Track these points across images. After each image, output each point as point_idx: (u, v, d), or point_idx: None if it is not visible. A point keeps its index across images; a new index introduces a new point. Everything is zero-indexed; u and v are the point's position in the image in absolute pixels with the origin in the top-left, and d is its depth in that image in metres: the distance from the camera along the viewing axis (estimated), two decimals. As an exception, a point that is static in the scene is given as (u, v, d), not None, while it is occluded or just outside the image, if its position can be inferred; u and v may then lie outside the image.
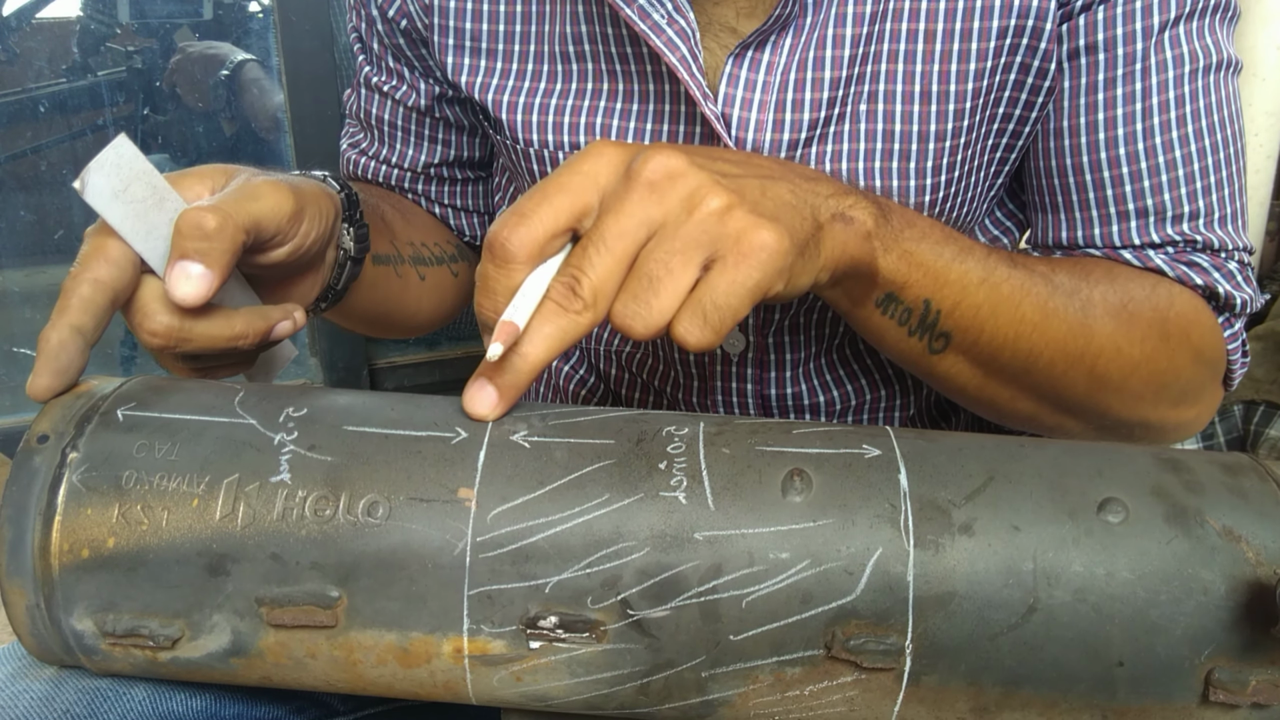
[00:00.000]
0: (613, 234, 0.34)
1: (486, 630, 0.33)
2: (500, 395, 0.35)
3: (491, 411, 0.36)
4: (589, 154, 0.36)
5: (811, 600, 0.32)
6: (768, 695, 0.34)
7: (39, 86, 1.46)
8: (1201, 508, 0.33)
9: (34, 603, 0.35)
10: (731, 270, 0.35)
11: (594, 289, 0.34)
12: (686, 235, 0.35)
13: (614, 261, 0.34)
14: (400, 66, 0.57)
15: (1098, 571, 0.32)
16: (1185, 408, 0.51)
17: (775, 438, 0.35)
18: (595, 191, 0.35)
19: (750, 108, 0.48)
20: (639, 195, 0.35)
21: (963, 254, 0.43)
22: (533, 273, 0.35)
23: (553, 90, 0.50)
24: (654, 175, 0.35)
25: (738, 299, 0.35)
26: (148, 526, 0.34)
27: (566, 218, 0.35)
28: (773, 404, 0.55)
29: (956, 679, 0.33)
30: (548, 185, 0.35)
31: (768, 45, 0.47)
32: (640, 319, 0.35)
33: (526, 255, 0.35)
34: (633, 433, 0.35)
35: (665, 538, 0.33)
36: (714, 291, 0.35)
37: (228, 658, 0.35)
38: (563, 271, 0.35)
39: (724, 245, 0.35)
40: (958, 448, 0.35)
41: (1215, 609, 0.32)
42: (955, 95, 0.47)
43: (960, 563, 0.32)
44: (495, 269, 0.35)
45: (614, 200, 0.35)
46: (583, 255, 0.35)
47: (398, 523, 0.33)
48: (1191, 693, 0.33)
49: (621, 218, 0.35)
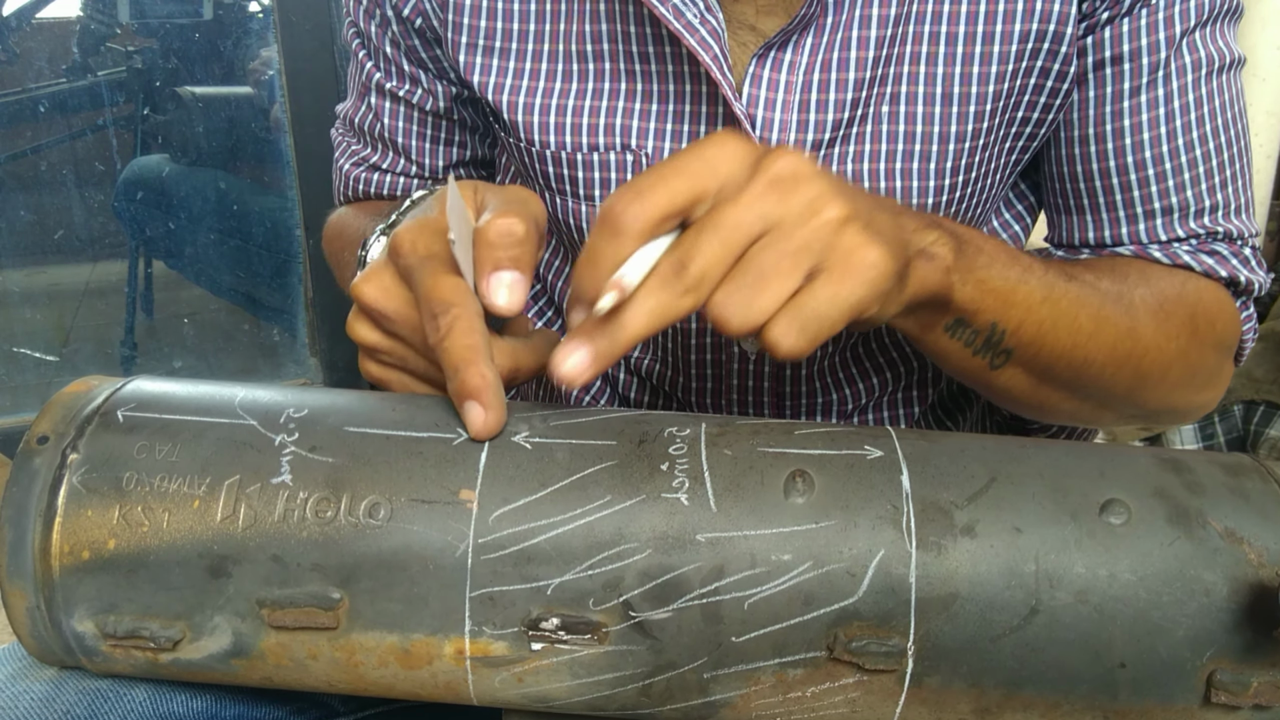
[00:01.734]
0: (729, 223, 0.34)
1: (488, 632, 0.33)
2: (593, 359, 0.35)
3: (580, 374, 0.35)
4: (713, 142, 0.35)
5: (814, 602, 0.32)
6: (769, 697, 0.34)
7: (39, 86, 1.46)
8: (1203, 509, 0.33)
9: (34, 604, 0.35)
10: (837, 283, 0.34)
11: (701, 273, 0.34)
12: (801, 239, 0.34)
13: (725, 251, 0.34)
14: (415, 69, 0.57)
15: (1100, 573, 0.32)
16: (1207, 391, 0.54)
17: (777, 439, 0.35)
18: (714, 180, 0.35)
19: (774, 108, 0.48)
20: (762, 190, 0.34)
21: (1026, 274, 0.43)
22: (640, 249, 0.35)
23: (569, 90, 0.50)
24: (781, 173, 0.34)
25: (838, 312, 0.35)
26: (148, 528, 0.34)
27: (683, 200, 0.34)
28: (786, 401, 0.55)
29: (958, 680, 0.33)
30: (667, 166, 0.35)
31: (790, 45, 0.47)
32: (739, 313, 0.34)
33: (638, 230, 0.34)
34: (634, 434, 0.35)
35: (667, 539, 0.33)
36: (816, 301, 0.34)
37: (229, 659, 0.35)
38: (672, 251, 0.34)
39: (834, 257, 0.34)
40: (959, 449, 0.35)
41: (1217, 611, 0.32)
42: (976, 98, 0.48)
43: (962, 564, 0.32)
44: (604, 240, 0.34)
45: (735, 191, 0.34)
46: (696, 239, 0.34)
47: (399, 524, 0.33)
48: (1193, 694, 0.33)
49: (741, 209, 0.34)
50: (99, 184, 1.41)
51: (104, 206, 1.40)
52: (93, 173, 1.40)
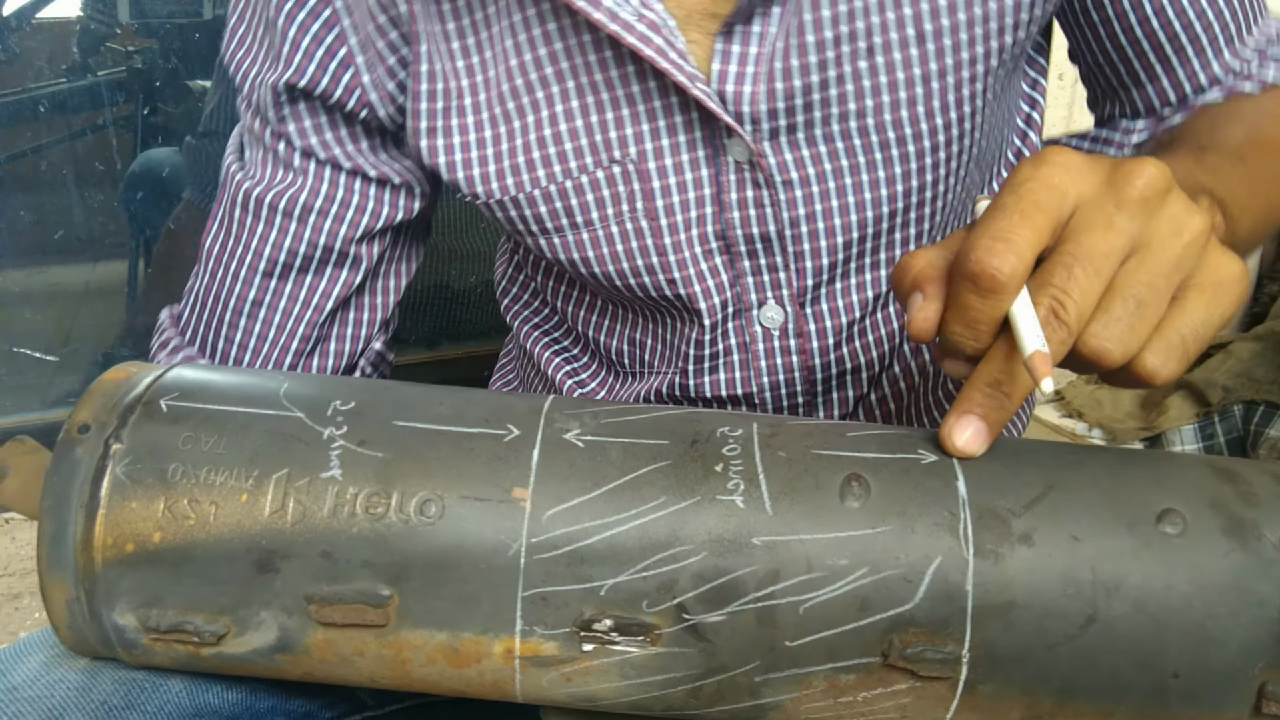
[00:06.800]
0: (1100, 253, 0.32)
1: (539, 632, 0.33)
2: (989, 429, 0.34)
3: (978, 447, 0.34)
4: (1052, 164, 0.33)
5: (869, 608, 0.32)
6: (820, 700, 0.33)
7: (39, 86, 1.45)
8: (1258, 521, 0.33)
9: (74, 596, 0.34)
10: (1209, 301, 0.33)
11: (1079, 312, 0.32)
12: (1172, 259, 0.33)
13: (1100, 283, 0.32)
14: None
15: (1156, 584, 0.32)
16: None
17: (831, 440, 0.35)
18: (1069, 205, 0.33)
19: (743, 81, 0.47)
20: (1130, 212, 0.32)
21: (1251, 178, 0.45)
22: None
23: (541, 122, 0.48)
24: (1148, 191, 0.33)
25: (1209, 330, 0.33)
26: (195, 521, 0.33)
27: (1048, 237, 0.33)
28: (817, 374, 0.55)
29: (1012, 689, 0.33)
30: (1022, 203, 0.32)
31: (755, 16, 0.46)
32: (1121, 345, 0.32)
33: (1016, 284, 0.32)
34: (687, 433, 0.35)
35: (723, 542, 0.33)
36: (1191, 321, 0.33)
37: (273, 654, 0.34)
38: (1041, 293, 0.32)
39: (1202, 274, 0.33)
40: (1014, 454, 0.35)
41: (1270, 622, 0.32)
42: (964, 25, 0.46)
43: (1020, 573, 0.32)
44: (980, 300, 0.32)
45: (1098, 215, 0.32)
46: (1067, 276, 0.32)
47: (451, 522, 0.33)
48: (1244, 705, 0.33)
49: (1111, 235, 0.32)
50: (99, 184, 1.39)
51: (104, 206, 1.39)
52: (93, 173, 1.39)
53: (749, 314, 0.52)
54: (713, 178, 0.49)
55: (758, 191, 0.49)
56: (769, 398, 0.54)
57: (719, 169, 0.48)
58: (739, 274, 0.51)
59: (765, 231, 0.50)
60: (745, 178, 0.48)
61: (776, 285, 0.52)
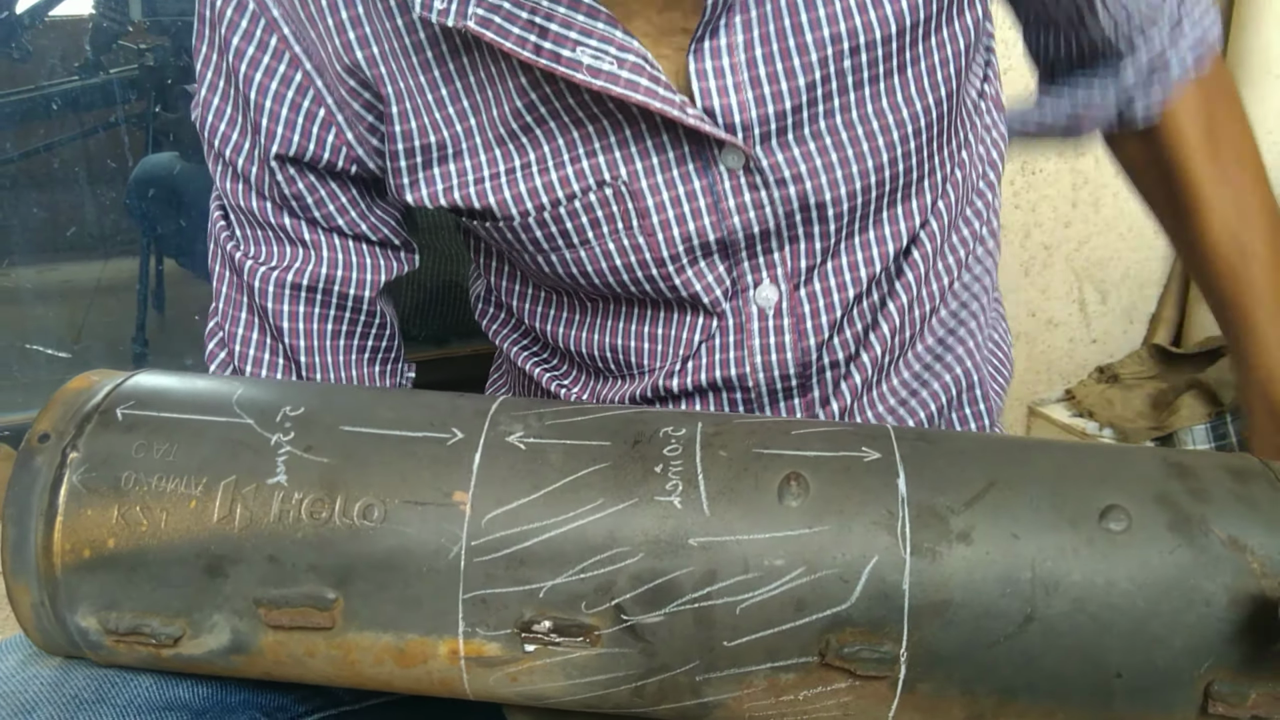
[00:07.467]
0: None
1: (481, 633, 0.33)
2: None
3: None
4: None
5: (806, 608, 0.32)
6: (762, 699, 0.34)
7: (51, 84, 1.46)
8: (1206, 516, 0.32)
9: (39, 600, 0.35)
10: None
11: None
12: None
13: None
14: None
15: (1097, 581, 0.32)
16: None
17: (774, 439, 0.35)
18: None
19: (727, 93, 0.46)
20: None
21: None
22: None
23: (528, 159, 0.49)
24: None
25: None
26: (147, 527, 0.34)
27: None
28: (811, 355, 0.55)
29: (951, 688, 0.33)
30: None
31: (721, 28, 0.46)
32: None
33: None
34: (630, 434, 0.35)
35: (660, 543, 0.33)
36: None
37: (229, 655, 0.35)
38: None
39: None
40: (959, 450, 0.35)
41: (1216, 621, 0.32)
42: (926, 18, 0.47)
43: (957, 571, 0.32)
44: None
45: None
46: None
47: (393, 526, 0.33)
48: (1191, 705, 0.32)
49: None
50: (111, 181, 1.41)
51: (116, 204, 1.41)
52: (105, 170, 1.41)
53: (745, 294, 0.53)
54: (707, 188, 0.49)
55: (755, 193, 0.49)
56: (762, 379, 0.54)
57: (713, 179, 0.49)
58: (737, 262, 0.52)
59: (765, 229, 0.50)
60: (741, 182, 0.49)
61: (771, 266, 0.52)
